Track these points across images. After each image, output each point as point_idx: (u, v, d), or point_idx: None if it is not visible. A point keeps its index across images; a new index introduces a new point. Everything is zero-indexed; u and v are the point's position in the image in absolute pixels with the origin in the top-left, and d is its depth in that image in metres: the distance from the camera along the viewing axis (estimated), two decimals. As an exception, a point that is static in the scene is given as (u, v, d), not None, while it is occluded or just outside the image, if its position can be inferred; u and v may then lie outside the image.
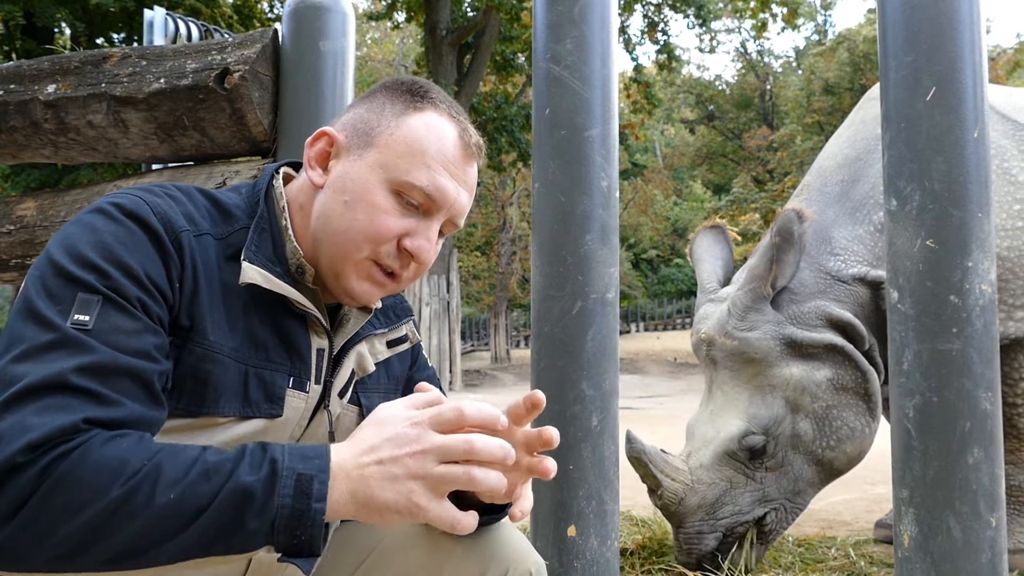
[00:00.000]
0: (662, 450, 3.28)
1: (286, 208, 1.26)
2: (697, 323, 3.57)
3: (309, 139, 1.28)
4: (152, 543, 0.90)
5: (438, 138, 1.23)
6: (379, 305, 1.38)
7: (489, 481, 0.99)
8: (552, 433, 1.09)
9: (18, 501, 0.88)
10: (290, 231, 1.24)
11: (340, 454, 0.98)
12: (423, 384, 1.14)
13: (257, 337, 1.18)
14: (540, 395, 1.08)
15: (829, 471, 3.31)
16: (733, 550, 3.19)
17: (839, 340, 3.27)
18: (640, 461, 3.17)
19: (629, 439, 3.19)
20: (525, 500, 1.21)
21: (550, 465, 1.11)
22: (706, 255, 3.79)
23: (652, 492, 3.21)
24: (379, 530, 1.38)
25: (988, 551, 2.09)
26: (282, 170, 1.34)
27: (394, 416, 1.02)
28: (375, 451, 0.98)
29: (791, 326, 3.30)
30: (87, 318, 0.99)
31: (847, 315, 3.29)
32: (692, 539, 3.17)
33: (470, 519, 1.00)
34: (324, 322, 1.26)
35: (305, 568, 1.10)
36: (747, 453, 3.21)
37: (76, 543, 0.89)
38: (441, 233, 1.29)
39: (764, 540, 3.29)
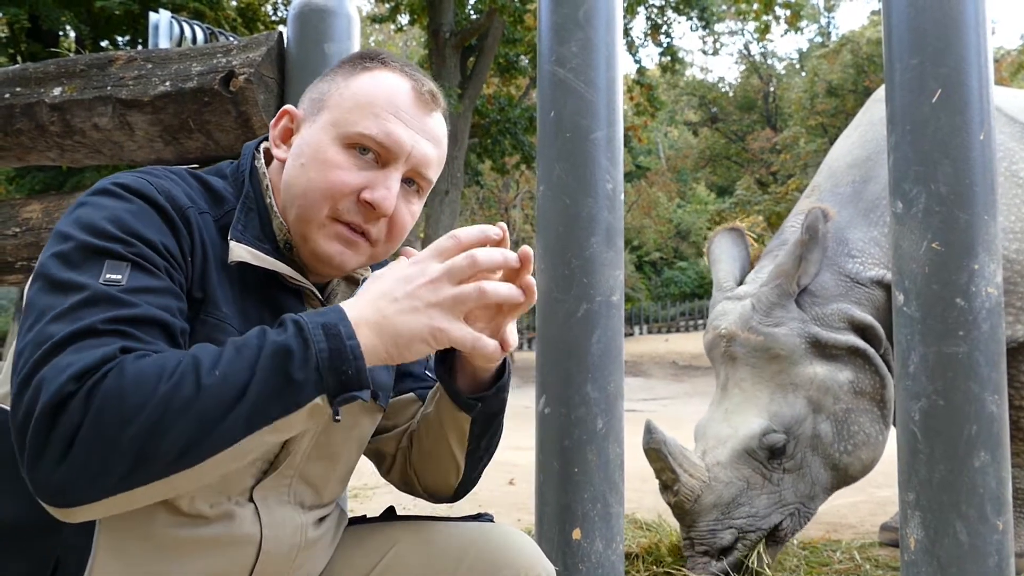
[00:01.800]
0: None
1: (270, 187, 1.27)
2: (714, 319, 3.52)
3: (273, 120, 1.30)
4: (211, 426, 0.92)
5: (387, 89, 1.23)
6: (368, 275, 1.35)
7: (500, 292, 1.04)
8: (527, 251, 1.09)
9: (72, 429, 0.89)
10: (275, 208, 1.25)
11: (354, 305, 1.03)
12: (407, 249, 1.16)
13: (254, 315, 1.19)
14: (528, 250, 1.10)
15: (843, 477, 3.28)
16: (748, 558, 3.13)
17: (861, 343, 3.25)
18: (659, 454, 3.09)
19: (650, 429, 3.12)
20: (511, 335, 1.19)
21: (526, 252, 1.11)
22: (724, 256, 3.78)
23: (666, 488, 3.15)
24: (390, 535, 1.38)
25: (995, 555, 2.08)
26: (263, 146, 1.34)
27: (392, 265, 1.07)
28: (388, 293, 1.03)
29: (815, 325, 3.27)
30: (120, 276, 1.00)
31: (868, 318, 3.28)
32: (705, 538, 3.10)
33: (490, 341, 1.04)
34: (317, 294, 1.26)
35: (364, 398, 1.11)
36: (767, 452, 3.15)
37: (139, 450, 0.90)
38: (419, 190, 1.28)
39: (775, 543, 3.26)
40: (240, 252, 1.16)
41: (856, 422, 3.22)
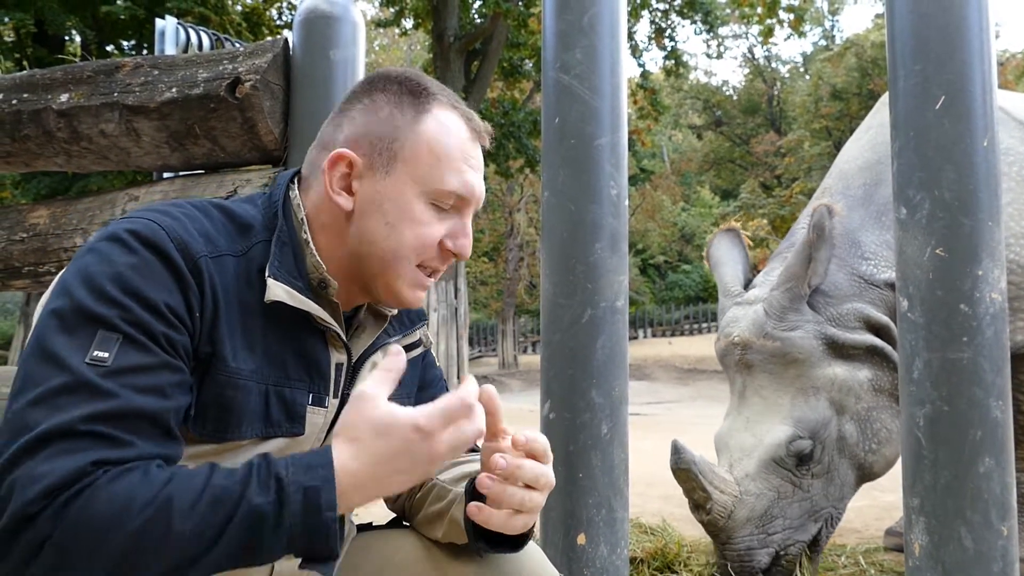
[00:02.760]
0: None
1: (305, 220, 1.24)
2: (726, 327, 3.47)
3: (326, 163, 1.23)
4: (176, 569, 0.92)
5: (454, 136, 1.25)
6: (394, 312, 1.37)
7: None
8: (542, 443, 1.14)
9: (35, 546, 0.89)
10: (311, 244, 1.23)
11: (348, 462, 0.99)
12: (393, 347, 1.16)
13: (277, 355, 1.17)
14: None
15: (868, 475, 3.26)
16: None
17: (879, 341, 3.24)
18: (690, 474, 3.02)
19: (677, 449, 3.05)
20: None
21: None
22: (726, 258, 3.74)
23: (698, 507, 3.08)
24: (396, 543, 1.38)
25: (999, 560, 2.08)
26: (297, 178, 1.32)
27: (399, 423, 1.01)
28: (391, 462, 1.00)
29: (831, 327, 3.24)
30: (106, 355, 0.98)
31: (884, 318, 3.27)
32: (743, 556, 3.04)
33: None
34: (343, 337, 1.25)
35: (326, 572, 1.11)
36: (795, 459, 3.10)
37: None
38: None
39: (815, 551, 3.23)
40: (278, 291, 1.15)
41: (879, 419, 3.21)
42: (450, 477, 1.37)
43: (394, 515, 1.50)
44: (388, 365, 1.07)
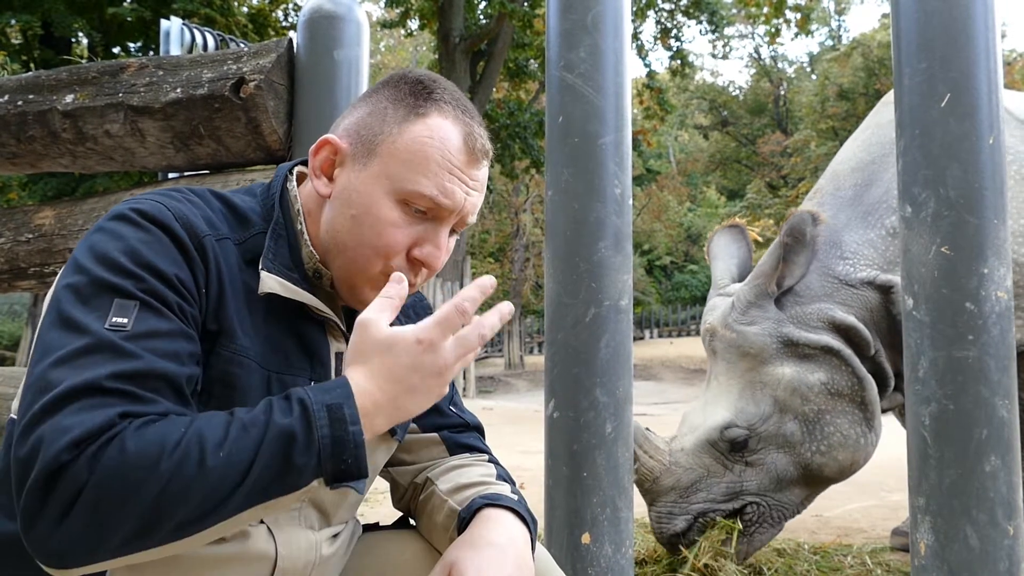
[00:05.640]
0: (647, 428, 3.36)
1: (301, 212, 1.25)
2: (705, 314, 3.64)
3: (313, 147, 1.25)
4: (212, 505, 0.93)
5: (442, 144, 1.19)
6: None
7: (493, 328, 1.06)
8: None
9: (70, 497, 0.89)
10: (306, 236, 1.24)
11: (363, 383, 1.02)
12: (395, 274, 1.14)
13: (278, 343, 1.18)
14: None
15: (819, 476, 3.27)
16: (704, 539, 3.21)
17: (836, 343, 3.25)
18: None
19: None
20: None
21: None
22: (722, 253, 3.84)
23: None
24: (402, 543, 1.38)
25: (1006, 560, 2.07)
26: (296, 170, 1.33)
27: (403, 338, 1.04)
28: (402, 380, 1.03)
29: (790, 325, 3.30)
30: (125, 320, 0.99)
31: (850, 319, 3.27)
32: (662, 519, 3.25)
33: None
34: (342, 326, 1.26)
35: (359, 488, 1.12)
36: (728, 444, 3.23)
37: (138, 525, 0.91)
38: (453, 231, 1.27)
39: (750, 534, 3.27)
40: (271, 283, 1.15)
41: (831, 423, 3.23)
42: (448, 487, 1.36)
43: (400, 515, 1.50)
44: (388, 292, 1.09)
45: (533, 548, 1.27)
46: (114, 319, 0.99)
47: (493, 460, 1.46)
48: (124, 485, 0.89)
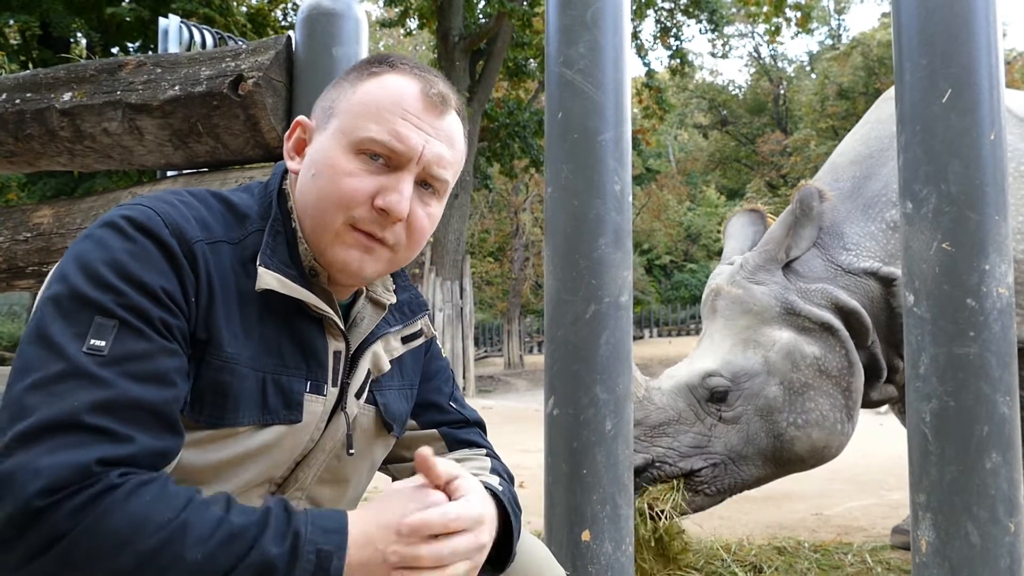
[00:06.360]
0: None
1: (294, 208, 1.25)
2: (709, 282, 3.65)
3: (288, 132, 1.28)
4: None
5: (394, 91, 1.20)
6: (393, 300, 1.36)
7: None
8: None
9: (45, 543, 0.89)
10: (300, 233, 1.23)
11: (363, 531, 1.01)
12: (423, 451, 1.11)
13: (274, 343, 1.17)
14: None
15: (788, 452, 3.24)
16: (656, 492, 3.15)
17: (836, 322, 3.29)
18: None
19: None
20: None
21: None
22: (738, 233, 3.89)
23: None
24: None
25: (1007, 557, 2.06)
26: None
27: (401, 491, 1.07)
28: (394, 533, 1.02)
29: (795, 295, 3.34)
30: (103, 343, 0.99)
31: (853, 303, 3.32)
32: None
33: None
34: (340, 324, 1.25)
35: None
36: (707, 393, 3.22)
37: None
38: (435, 192, 1.25)
39: (695, 494, 3.21)
40: (268, 280, 1.15)
41: (813, 399, 3.22)
42: None
43: None
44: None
45: (517, 538, 1.27)
46: (92, 341, 0.98)
47: (492, 455, 1.46)
48: (102, 549, 0.90)
